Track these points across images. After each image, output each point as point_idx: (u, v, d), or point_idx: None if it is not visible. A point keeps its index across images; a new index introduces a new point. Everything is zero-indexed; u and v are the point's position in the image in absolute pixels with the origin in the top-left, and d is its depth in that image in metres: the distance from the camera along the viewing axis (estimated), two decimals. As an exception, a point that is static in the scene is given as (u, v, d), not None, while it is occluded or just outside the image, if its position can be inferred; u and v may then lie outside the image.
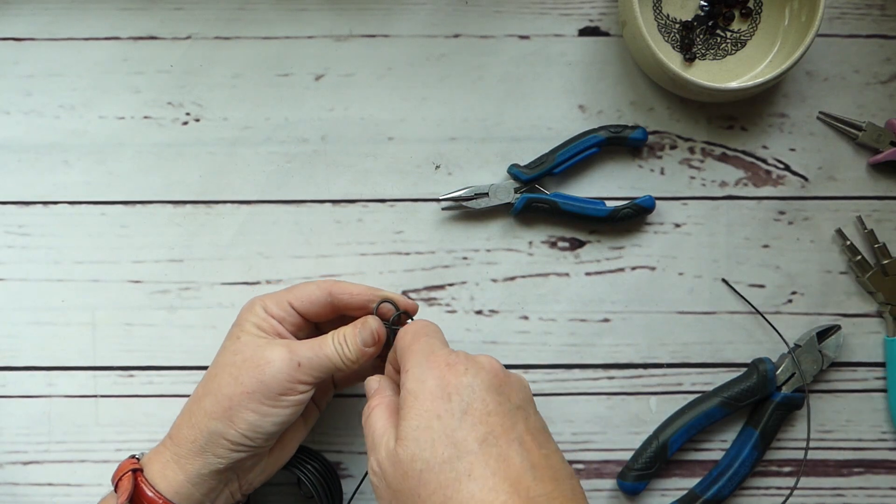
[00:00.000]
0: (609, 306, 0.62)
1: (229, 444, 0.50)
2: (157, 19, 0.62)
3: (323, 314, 0.54)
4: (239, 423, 0.49)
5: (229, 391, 0.49)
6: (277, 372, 0.49)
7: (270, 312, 0.53)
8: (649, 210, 0.61)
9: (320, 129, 0.62)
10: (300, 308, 0.53)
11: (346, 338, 0.51)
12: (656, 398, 0.62)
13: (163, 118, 0.62)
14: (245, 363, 0.50)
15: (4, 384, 0.61)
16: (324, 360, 0.50)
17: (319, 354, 0.50)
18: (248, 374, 0.49)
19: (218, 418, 0.49)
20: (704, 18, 0.62)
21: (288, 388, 0.50)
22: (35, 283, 0.61)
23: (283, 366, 0.49)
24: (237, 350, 0.51)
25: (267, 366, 0.49)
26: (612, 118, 0.62)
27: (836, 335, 0.61)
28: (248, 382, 0.49)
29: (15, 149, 0.61)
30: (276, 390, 0.49)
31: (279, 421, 0.50)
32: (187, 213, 0.62)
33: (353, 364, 0.51)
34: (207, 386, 0.51)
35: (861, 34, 0.63)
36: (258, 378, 0.49)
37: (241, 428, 0.49)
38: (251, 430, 0.49)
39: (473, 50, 0.62)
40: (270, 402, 0.49)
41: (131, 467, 0.51)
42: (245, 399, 0.49)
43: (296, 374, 0.50)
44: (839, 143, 0.63)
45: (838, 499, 0.62)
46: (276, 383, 0.49)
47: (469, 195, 0.61)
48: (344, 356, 0.51)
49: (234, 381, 0.50)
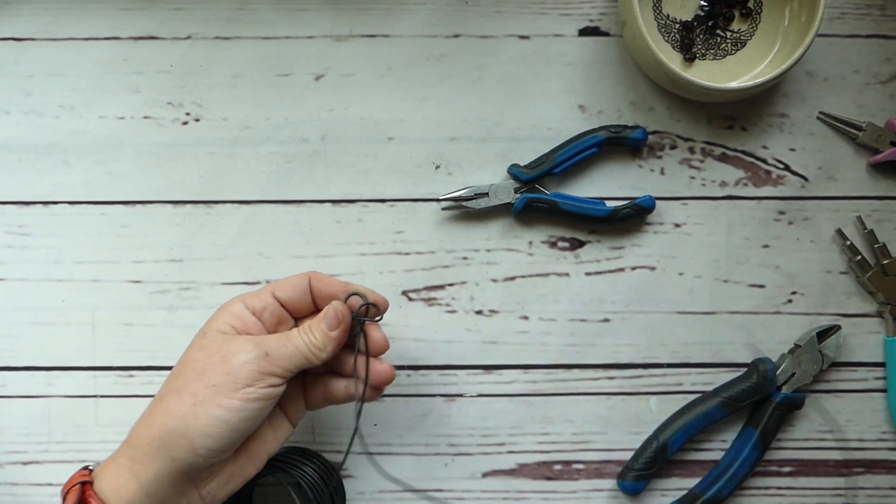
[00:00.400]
0: (609, 306, 0.62)
1: (188, 443, 0.46)
2: (157, 19, 0.62)
3: (304, 306, 0.53)
4: (203, 418, 0.46)
5: (193, 387, 0.47)
6: (245, 362, 0.48)
7: (251, 306, 0.51)
8: (649, 210, 0.61)
9: (320, 129, 0.62)
10: (282, 296, 0.52)
11: (312, 326, 0.50)
12: (656, 398, 0.62)
13: (163, 118, 0.62)
14: (210, 357, 0.48)
15: (4, 384, 0.61)
16: (291, 350, 0.49)
17: (287, 344, 0.49)
18: (214, 367, 0.48)
19: (180, 415, 0.47)
20: (704, 18, 0.62)
21: (255, 379, 0.47)
22: (35, 283, 0.61)
23: (251, 356, 0.48)
24: (202, 346, 0.49)
25: (233, 357, 0.48)
26: (612, 118, 0.62)
27: (836, 335, 0.61)
28: (213, 375, 0.47)
29: (15, 149, 0.61)
30: (243, 381, 0.47)
31: (245, 417, 0.47)
32: (187, 213, 0.62)
33: (321, 352, 0.50)
34: (170, 384, 0.49)
35: (861, 34, 0.63)
36: (224, 370, 0.47)
37: (204, 424, 0.46)
38: (215, 428, 0.46)
39: (473, 50, 0.62)
40: (237, 394, 0.47)
41: (80, 479, 0.47)
42: (210, 393, 0.47)
43: (264, 364, 0.48)
44: (839, 143, 0.63)
45: (838, 499, 0.62)
46: (244, 373, 0.47)
47: (469, 195, 0.61)
48: (310, 344, 0.50)
49: (199, 376, 0.48)
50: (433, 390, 0.61)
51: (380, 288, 0.61)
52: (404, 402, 0.61)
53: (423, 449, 0.61)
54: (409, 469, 0.61)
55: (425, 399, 0.61)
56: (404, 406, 0.61)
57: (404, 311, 0.62)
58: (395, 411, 0.61)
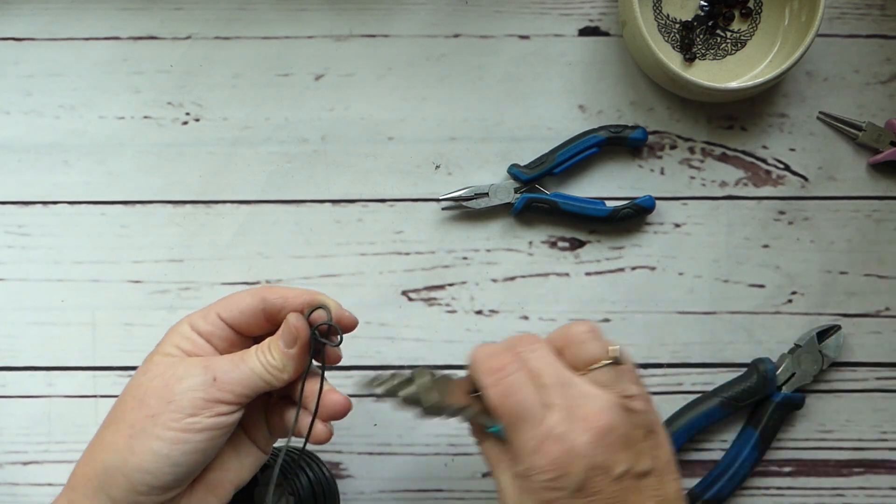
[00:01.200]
0: (609, 306, 0.62)
1: (126, 481, 0.41)
2: (157, 19, 0.62)
3: (257, 326, 0.47)
4: (140, 452, 0.41)
5: (132, 417, 0.42)
6: (188, 388, 0.42)
7: (197, 329, 0.46)
8: (649, 210, 0.61)
9: (320, 129, 0.62)
10: (229, 319, 0.46)
11: (270, 344, 0.45)
12: (656, 398, 0.62)
13: (163, 118, 0.62)
14: (152, 382, 0.43)
15: (4, 384, 0.61)
16: (245, 373, 0.44)
17: (240, 366, 0.44)
18: (155, 394, 0.42)
19: (117, 450, 0.42)
20: (704, 18, 0.62)
21: (201, 408, 0.42)
22: (35, 283, 0.61)
23: (196, 381, 0.42)
24: (147, 370, 0.44)
25: (176, 383, 0.42)
26: (612, 118, 0.62)
27: (836, 335, 0.61)
28: (153, 404, 0.42)
29: (15, 149, 0.61)
30: (186, 410, 0.42)
31: (190, 450, 0.42)
32: (187, 213, 0.62)
33: (281, 373, 0.45)
34: (111, 414, 0.44)
35: (861, 34, 0.63)
36: (165, 398, 0.42)
37: (142, 459, 0.41)
38: (154, 463, 0.41)
39: (473, 50, 0.62)
40: (180, 425, 0.42)
41: None
42: (149, 424, 0.42)
43: (211, 390, 0.42)
44: (839, 143, 0.63)
45: (838, 499, 0.62)
46: (187, 402, 0.42)
47: (469, 195, 0.61)
48: (268, 364, 0.44)
49: (139, 405, 0.42)
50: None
51: (380, 288, 0.61)
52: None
53: (423, 449, 0.61)
54: (409, 469, 0.61)
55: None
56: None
57: (404, 311, 0.62)
58: (395, 411, 0.61)
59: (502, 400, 0.43)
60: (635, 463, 0.43)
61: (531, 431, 0.42)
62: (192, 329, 0.46)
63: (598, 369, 0.44)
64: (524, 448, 0.42)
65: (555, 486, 0.42)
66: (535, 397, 0.43)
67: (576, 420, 0.42)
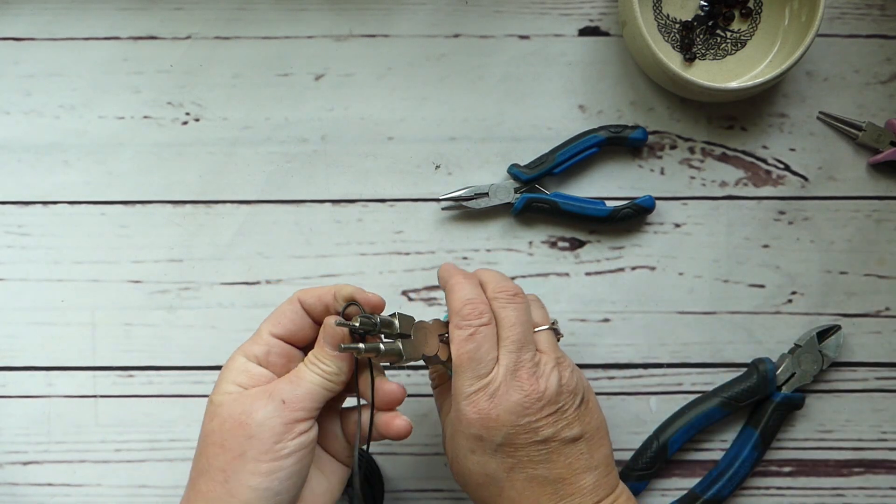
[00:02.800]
0: (609, 306, 0.62)
1: None
2: (157, 19, 0.62)
3: (305, 332, 0.48)
4: (240, 493, 0.42)
5: (219, 462, 0.43)
6: (265, 418, 0.43)
7: (252, 355, 0.46)
8: (649, 210, 0.61)
9: (320, 129, 0.62)
10: (280, 332, 0.47)
11: (317, 353, 0.46)
12: (656, 398, 0.62)
13: (163, 118, 0.62)
14: (225, 424, 0.43)
15: (4, 384, 0.61)
16: (307, 387, 0.44)
17: (300, 383, 0.45)
18: (233, 434, 0.43)
19: (217, 498, 0.42)
20: (704, 18, 0.62)
21: (282, 433, 0.43)
22: (35, 283, 0.61)
23: (269, 410, 0.43)
24: (214, 414, 0.44)
25: (249, 419, 0.43)
26: (612, 118, 0.62)
27: (836, 335, 0.61)
28: (235, 445, 0.42)
29: (15, 149, 0.61)
30: (271, 439, 0.43)
31: (285, 476, 0.43)
32: (187, 213, 0.62)
33: (338, 376, 0.46)
34: (196, 466, 0.44)
35: (861, 34, 0.63)
36: (245, 434, 0.43)
37: (244, 499, 0.42)
38: (257, 499, 0.42)
39: (473, 50, 0.62)
40: (269, 456, 0.42)
41: None
42: (238, 464, 0.42)
43: (285, 413, 0.43)
44: (839, 143, 0.63)
45: (838, 499, 0.62)
46: (268, 431, 0.43)
47: (469, 195, 0.61)
48: (323, 372, 0.45)
49: (222, 450, 0.43)
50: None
51: (380, 288, 0.61)
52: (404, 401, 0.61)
53: (423, 449, 0.61)
54: (409, 469, 0.61)
55: (425, 399, 0.61)
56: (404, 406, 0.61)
57: (404, 311, 0.61)
58: (395, 411, 0.61)
59: (463, 346, 0.47)
60: (563, 429, 0.47)
61: (470, 379, 0.47)
62: (248, 358, 0.46)
63: (541, 331, 0.50)
64: (460, 392, 0.47)
65: (479, 435, 0.47)
66: (491, 353, 0.47)
67: (514, 380, 0.47)
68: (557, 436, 0.47)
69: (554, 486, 0.47)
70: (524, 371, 0.47)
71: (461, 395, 0.47)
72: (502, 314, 0.48)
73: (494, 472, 0.47)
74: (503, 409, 0.46)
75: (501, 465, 0.47)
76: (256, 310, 0.61)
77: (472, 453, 0.47)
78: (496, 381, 0.46)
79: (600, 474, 0.48)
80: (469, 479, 0.49)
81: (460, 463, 0.48)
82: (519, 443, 0.46)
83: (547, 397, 0.47)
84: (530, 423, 0.46)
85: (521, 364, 0.47)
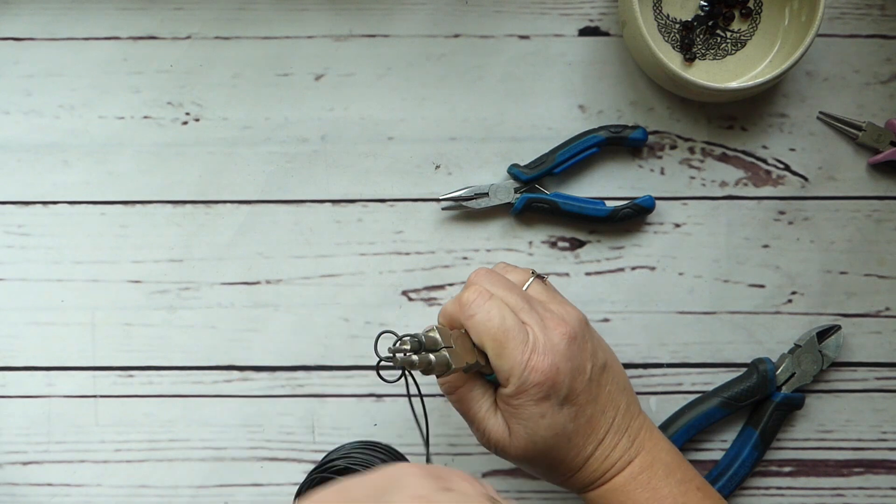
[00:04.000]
0: (609, 306, 0.62)
1: None
2: (157, 19, 0.62)
3: None
4: None
5: None
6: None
7: None
8: (649, 210, 0.61)
9: (320, 128, 0.62)
10: None
11: None
12: (656, 398, 0.62)
13: (163, 118, 0.62)
14: None
15: (4, 384, 0.61)
16: None
17: None
18: None
19: None
20: (704, 18, 0.62)
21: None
22: (35, 283, 0.61)
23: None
24: None
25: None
26: (612, 118, 0.62)
27: (836, 335, 0.61)
28: None
29: (15, 149, 0.61)
30: None
31: None
32: (187, 213, 0.62)
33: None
34: None
35: (861, 34, 0.63)
36: None
37: None
38: None
39: (473, 50, 0.62)
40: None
41: None
42: None
43: None
44: (839, 143, 0.63)
45: (838, 499, 0.62)
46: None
47: (469, 195, 0.61)
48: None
49: None
50: (433, 390, 0.61)
51: (380, 288, 0.61)
52: (404, 401, 0.61)
53: (423, 448, 0.61)
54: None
55: (425, 399, 0.61)
56: (404, 406, 0.61)
57: (404, 311, 0.62)
58: (395, 411, 0.61)
59: (486, 325, 0.48)
60: (596, 359, 0.51)
61: (517, 350, 0.48)
62: None
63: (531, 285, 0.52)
64: (515, 367, 0.48)
65: (547, 395, 0.48)
66: (512, 318, 0.48)
67: (549, 330, 0.49)
68: (595, 367, 0.50)
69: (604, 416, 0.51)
70: (550, 320, 0.49)
71: (518, 367, 0.48)
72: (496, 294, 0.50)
73: (564, 426, 0.49)
74: (560, 358, 0.48)
75: (569, 416, 0.49)
76: (256, 310, 0.61)
77: (542, 418, 0.49)
78: (539, 338, 0.48)
79: (628, 393, 0.52)
80: (539, 447, 0.50)
81: (530, 437, 0.49)
82: (577, 387, 0.49)
83: (577, 332, 0.50)
84: (579, 363, 0.49)
85: (543, 316, 0.49)
